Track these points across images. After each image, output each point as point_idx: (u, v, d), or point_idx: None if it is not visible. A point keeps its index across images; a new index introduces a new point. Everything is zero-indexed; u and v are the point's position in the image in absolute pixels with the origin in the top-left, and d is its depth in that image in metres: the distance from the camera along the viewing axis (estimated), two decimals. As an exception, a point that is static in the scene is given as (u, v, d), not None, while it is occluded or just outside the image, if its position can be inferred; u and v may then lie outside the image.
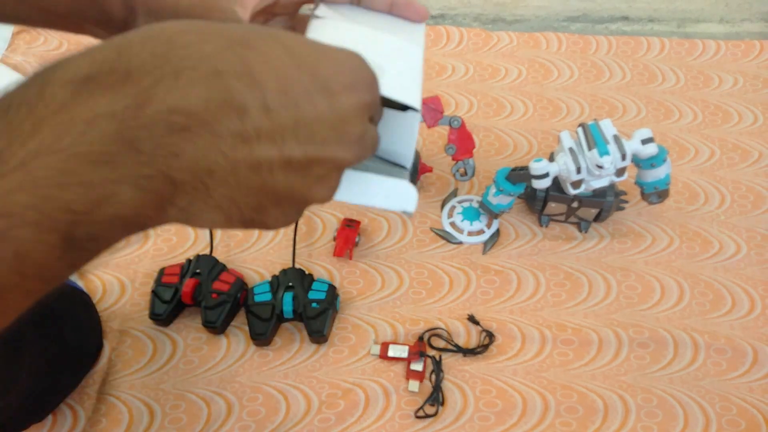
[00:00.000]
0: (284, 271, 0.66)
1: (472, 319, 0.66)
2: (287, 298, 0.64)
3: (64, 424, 0.60)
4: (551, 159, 0.64)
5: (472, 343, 0.65)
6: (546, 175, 0.62)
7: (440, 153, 0.78)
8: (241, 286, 0.65)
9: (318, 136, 0.24)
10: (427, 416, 0.60)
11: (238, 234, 0.72)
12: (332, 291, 0.65)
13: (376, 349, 0.64)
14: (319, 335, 0.63)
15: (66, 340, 0.58)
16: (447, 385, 0.62)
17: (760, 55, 0.88)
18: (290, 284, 0.65)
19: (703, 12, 0.98)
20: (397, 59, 0.34)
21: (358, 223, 0.71)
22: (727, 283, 0.68)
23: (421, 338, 0.65)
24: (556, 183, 0.65)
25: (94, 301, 0.66)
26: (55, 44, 0.91)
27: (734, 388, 0.62)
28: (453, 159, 0.68)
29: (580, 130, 0.61)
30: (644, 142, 0.61)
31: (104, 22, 0.36)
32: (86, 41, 0.97)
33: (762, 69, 0.87)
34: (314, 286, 0.65)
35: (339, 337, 0.66)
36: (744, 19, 0.97)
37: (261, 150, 0.23)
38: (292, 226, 0.72)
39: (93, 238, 0.22)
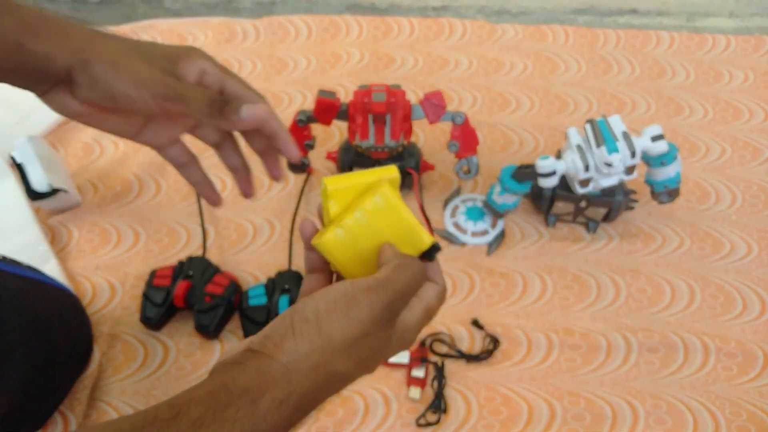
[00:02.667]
0: (280, 274, 0.65)
1: (476, 324, 0.65)
2: (283, 302, 0.62)
3: (54, 431, 0.59)
4: (558, 156, 0.63)
5: (476, 348, 0.64)
6: (553, 173, 0.62)
7: (443, 150, 0.77)
8: (235, 289, 0.64)
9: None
10: (429, 424, 0.59)
11: (232, 235, 0.71)
12: (330, 294, 0.63)
13: (376, 355, 0.62)
14: (316, 340, 0.61)
15: (55, 344, 0.57)
16: (450, 392, 0.61)
17: (770, 51, 0.88)
18: (286, 287, 0.63)
19: (713, 5, 0.98)
20: None
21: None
22: (738, 285, 0.68)
23: (422, 343, 0.63)
24: (564, 181, 0.65)
25: (84, 304, 0.64)
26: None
27: (744, 393, 0.61)
28: (456, 156, 0.67)
29: (588, 126, 0.61)
30: (654, 139, 0.61)
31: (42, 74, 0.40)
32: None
33: (773, 65, 0.86)
34: (311, 288, 0.63)
35: (337, 341, 0.64)
36: (754, 13, 0.97)
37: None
38: (288, 227, 0.70)
39: None
